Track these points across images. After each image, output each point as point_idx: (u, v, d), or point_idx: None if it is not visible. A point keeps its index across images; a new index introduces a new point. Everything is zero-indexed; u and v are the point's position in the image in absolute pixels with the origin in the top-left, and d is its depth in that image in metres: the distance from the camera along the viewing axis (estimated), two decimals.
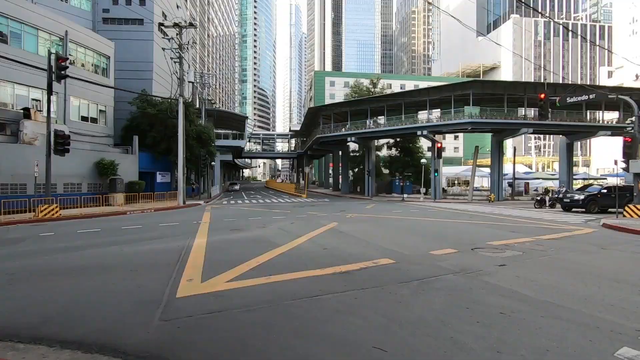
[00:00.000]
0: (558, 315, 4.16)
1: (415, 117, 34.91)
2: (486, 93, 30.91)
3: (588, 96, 19.40)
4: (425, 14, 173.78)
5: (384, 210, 20.39)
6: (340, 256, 7.43)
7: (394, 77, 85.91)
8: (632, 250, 8.71)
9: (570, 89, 28.20)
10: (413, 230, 11.90)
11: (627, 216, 16.09)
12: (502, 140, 32.82)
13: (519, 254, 7.82)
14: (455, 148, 77.66)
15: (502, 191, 32.14)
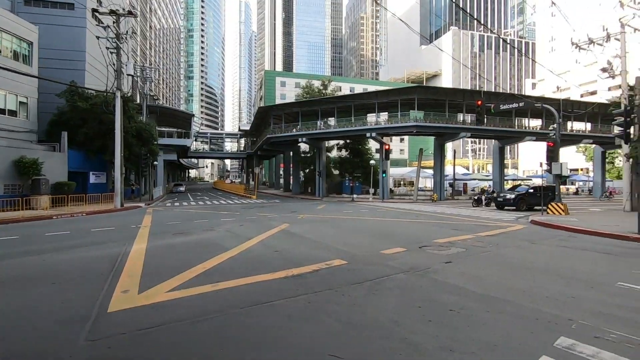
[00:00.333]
0: (502, 310, 4.35)
1: (364, 120, 35.79)
2: (429, 98, 32.62)
3: (518, 104, 21.26)
4: (373, 21, 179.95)
5: (334, 210, 20.55)
6: (292, 259, 7.23)
7: (344, 80, 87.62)
8: (556, 244, 9.59)
9: (502, 97, 30.82)
10: (364, 230, 12.06)
11: (550, 213, 17.83)
12: (443, 144, 34.87)
13: (462, 250, 8.22)
14: (401, 150, 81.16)
15: (443, 191, 34.12)
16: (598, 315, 4.21)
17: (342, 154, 42.69)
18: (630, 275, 6.12)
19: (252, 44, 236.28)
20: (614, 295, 5.03)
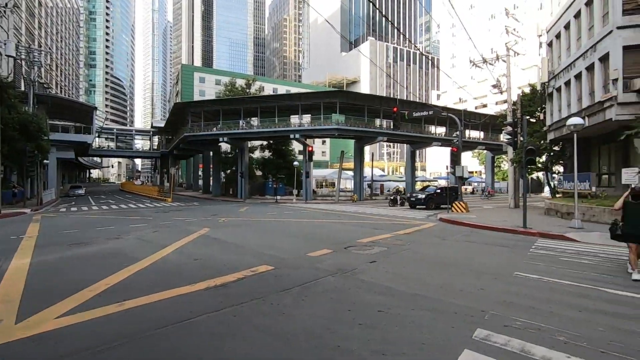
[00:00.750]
0: (425, 306, 4.55)
1: (288, 121, 35.76)
2: (350, 103, 34.02)
3: (428, 112, 23.35)
4: (296, 24, 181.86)
5: (258, 212, 20.01)
6: (214, 267, 6.69)
7: (267, 80, 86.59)
8: (463, 239, 10.64)
9: (415, 105, 33.66)
10: (289, 232, 11.89)
11: (454, 211, 19.87)
12: (363, 146, 36.67)
13: (384, 249, 8.57)
14: (322, 152, 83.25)
15: (363, 192, 35.88)
16: (504, 304, 4.66)
17: (265, 154, 42.03)
18: (523, 265, 7.01)
19: (167, 35, 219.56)
20: (513, 284, 5.67)
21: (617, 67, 14.03)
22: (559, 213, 16.90)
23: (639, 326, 3.98)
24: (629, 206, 6.19)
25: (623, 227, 6.22)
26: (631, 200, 6.19)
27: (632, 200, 6.18)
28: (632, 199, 6.18)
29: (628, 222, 6.16)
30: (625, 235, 6.19)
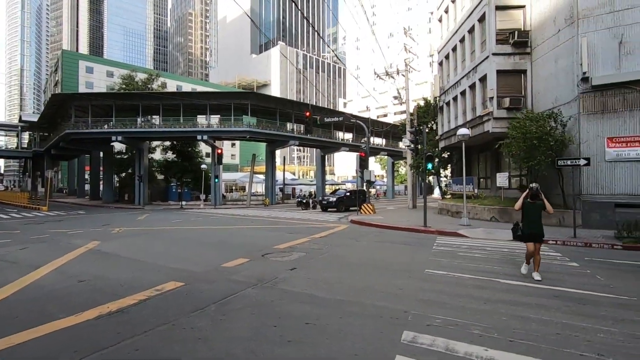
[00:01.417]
0: (352, 312, 4.47)
1: (195, 121, 33.37)
2: (262, 105, 33.42)
3: (339, 118, 24.29)
4: (202, 20, 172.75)
5: (161, 220, 18.06)
6: (108, 288, 5.62)
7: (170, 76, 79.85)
8: (374, 240, 11.15)
9: (325, 111, 34.75)
10: (199, 241, 10.90)
11: (363, 213, 20.93)
12: (274, 150, 36.35)
13: (303, 254, 8.40)
14: (232, 155, 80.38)
15: (274, 196, 35.55)
16: (422, 302, 4.86)
17: (168, 156, 38.49)
18: (430, 262, 7.57)
19: (42, 14, 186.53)
20: (426, 281, 6.03)
21: (492, 87, 16.53)
22: (450, 212, 19.14)
23: (531, 312, 4.53)
24: (527, 206, 6.38)
25: (523, 227, 6.40)
26: (529, 200, 6.36)
27: (530, 200, 6.34)
28: (530, 199, 6.33)
29: (526, 222, 6.36)
30: (524, 236, 6.36)
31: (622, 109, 12.50)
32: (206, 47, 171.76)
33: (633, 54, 12.39)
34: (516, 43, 16.23)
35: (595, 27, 12.92)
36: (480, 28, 17.75)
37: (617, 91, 12.53)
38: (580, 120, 13.10)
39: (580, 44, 12.99)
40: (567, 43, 13.78)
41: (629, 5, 12.42)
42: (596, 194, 12.73)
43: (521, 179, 17.30)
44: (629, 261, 7.98)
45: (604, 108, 12.74)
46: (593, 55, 12.90)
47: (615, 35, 12.62)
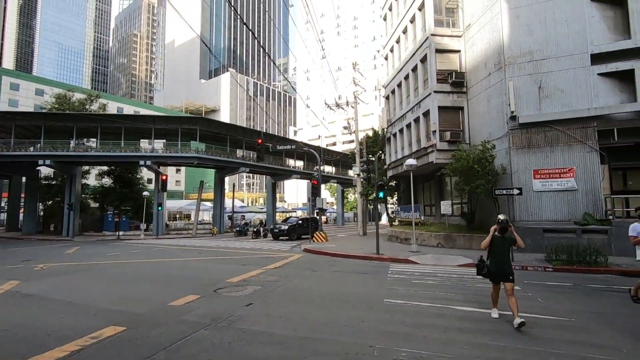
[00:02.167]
0: (317, 351, 4.27)
1: (137, 145, 31.43)
2: (212, 131, 32.62)
3: (291, 146, 24.39)
4: (148, 42, 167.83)
5: (95, 254, 16.31)
6: (32, 339, 4.82)
7: (111, 97, 74.97)
8: (330, 269, 11.04)
9: (277, 138, 34.85)
10: (141, 277, 9.95)
11: (316, 241, 20.82)
12: (224, 177, 35.34)
13: (259, 288, 8.01)
14: (177, 182, 76.43)
15: (223, 224, 34.16)
16: (386, 335, 4.82)
17: (105, 182, 35.52)
18: (388, 292, 7.62)
19: None
20: (386, 312, 6.02)
21: (435, 121, 17.86)
22: (399, 239, 19.76)
23: (489, 339, 4.69)
24: (495, 241, 5.55)
25: (490, 263, 5.58)
26: (497, 234, 5.54)
27: (498, 234, 5.53)
28: (499, 232, 5.52)
29: (493, 259, 5.56)
30: (491, 275, 5.58)
31: (544, 144, 14.12)
32: (151, 70, 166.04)
33: (550, 97, 14.22)
34: (454, 83, 17.87)
35: (519, 73, 14.71)
36: (423, 68, 19.32)
37: (539, 129, 14.18)
38: (511, 154, 14.54)
39: (508, 86, 14.66)
40: (497, 85, 15.47)
41: (544, 56, 14.37)
42: (527, 220, 13.99)
43: (462, 206, 18.53)
44: (560, 283, 8.74)
45: (530, 143, 14.31)
46: (519, 96, 14.59)
47: (535, 81, 14.45)
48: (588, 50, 13.74)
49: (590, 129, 13.44)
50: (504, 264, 5.48)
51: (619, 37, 13.62)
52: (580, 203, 13.42)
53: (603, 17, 13.93)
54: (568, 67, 14.00)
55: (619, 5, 13.73)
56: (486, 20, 16.29)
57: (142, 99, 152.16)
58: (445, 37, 18.46)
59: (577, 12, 14.00)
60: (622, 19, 13.69)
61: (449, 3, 18.83)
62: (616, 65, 13.47)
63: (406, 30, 21.83)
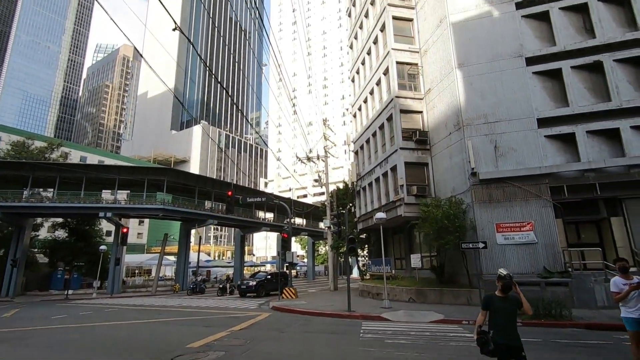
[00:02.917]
0: None
1: (98, 196, 30.02)
2: (180, 183, 31.99)
3: (261, 198, 24.25)
4: (120, 93, 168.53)
5: (38, 317, 14.58)
6: None
7: (74, 145, 72.56)
8: (300, 330, 10.47)
9: (247, 190, 34.59)
10: (87, 346, 8.91)
11: (285, 297, 19.92)
12: (190, 229, 34.00)
13: (222, 354, 7.38)
14: (139, 234, 72.42)
15: (187, 280, 32.12)
16: None
17: (59, 234, 33.01)
18: (362, 354, 7.26)
19: None
20: None
21: (402, 176, 18.60)
22: (371, 294, 19.34)
23: None
24: (495, 303, 4.39)
25: (493, 335, 4.27)
26: (499, 294, 4.44)
27: (501, 293, 4.43)
28: (501, 291, 4.43)
29: (496, 326, 4.31)
30: (499, 349, 4.20)
31: (503, 199, 14.95)
32: (121, 120, 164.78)
33: (505, 156, 15.38)
34: (418, 140, 19.00)
35: (476, 133, 15.95)
36: (389, 126, 20.51)
37: (498, 185, 15.10)
38: (474, 208, 15.20)
39: (467, 145, 15.76)
40: (457, 144, 16.60)
41: (497, 119, 15.79)
42: (494, 273, 14.25)
43: (432, 259, 18.70)
44: (531, 339, 8.73)
45: (491, 198, 15.10)
46: (477, 154, 15.66)
47: (491, 141, 15.67)
48: (534, 115, 15.29)
49: (543, 186, 14.48)
50: (512, 335, 4.22)
51: (559, 105, 15.34)
52: (540, 256, 13.98)
53: (544, 87, 15.77)
54: (518, 129, 15.40)
55: (556, 78, 15.66)
56: (444, 86, 17.91)
57: (108, 148, 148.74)
58: (408, 99, 19.97)
59: (521, 82, 15.78)
60: (559, 89, 15.55)
61: (411, 70, 20.67)
62: (559, 129, 14.99)
63: (373, 92, 23.45)
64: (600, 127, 14.60)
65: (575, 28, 15.97)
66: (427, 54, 19.91)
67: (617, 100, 14.47)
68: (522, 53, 16.02)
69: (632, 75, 14.80)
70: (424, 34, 20.39)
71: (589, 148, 14.54)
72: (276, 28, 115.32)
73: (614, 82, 14.69)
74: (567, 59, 15.47)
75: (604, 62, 14.99)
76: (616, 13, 15.57)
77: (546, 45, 16.03)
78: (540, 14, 16.41)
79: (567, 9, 16.13)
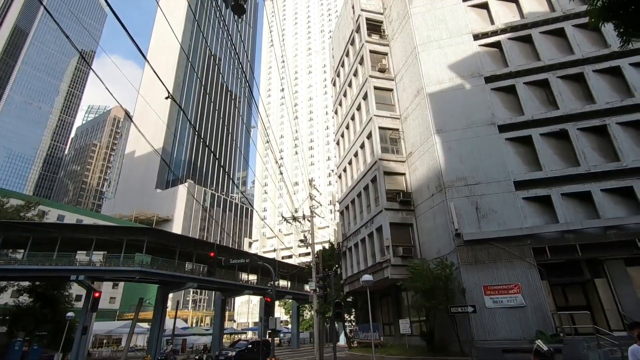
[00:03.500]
0: None
1: (72, 257, 28.52)
2: (160, 243, 30.92)
3: (245, 260, 23.51)
4: (107, 152, 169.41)
5: None
6: None
7: (53, 204, 70.55)
8: None
9: (231, 251, 33.61)
10: None
11: None
12: (168, 293, 32.12)
13: None
14: (112, 299, 67.65)
15: (160, 350, 29.46)
16: None
17: (24, 299, 30.48)
18: None
19: None
20: None
21: (388, 237, 18.60)
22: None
23: None
24: None
25: None
26: None
27: None
28: None
29: None
30: None
31: (488, 261, 14.98)
32: (105, 178, 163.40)
33: (487, 217, 15.75)
34: (402, 201, 19.38)
35: (457, 194, 16.46)
36: (373, 187, 21.01)
37: (482, 246, 15.22)
38: (461, 270, 15.10)
39: (450, 206, 16.15)
40: (440, 205, 16.99)
41: (476, 181, 16.45)
42: (485, 339, 13.74)
43: (421, 325, 17.97)
44: None
45: (477, 260, 15.11)
46: (460, 216, 15.99)
47: (472, 202, 16.14)
48: (511, 178, 16.04)
49: (526, 247, 14.68)
50: None
51: (533, 169, 16.22)
52: (530, 320, 13.67)
53: (517, 152, 16.78)
54: (497, 191, 16.00)
55: (528, 144, 16.76)
56: (425, 149, 18.84)
57: (89, 207, 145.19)
58: (391, 161, 20.77)
59: (496, 147, 16.79)
60: (532, 154, 16.56)
61: (392, 134, 21.82)
62: (535, 192, 15.67)
63: (357, 154, 24.35)
64: (573, 190, 15.35)
65: (540, 100, 17.55)
66: (407, 120, 21.22)
67: (586, 165, 15.44)
68: (494, 121, 17.28)
69: (595, 142, 16.02)
70: (403, 102, 21.92)
71: (565, 210, 15.11)
72: (265, 93, 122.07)
73: (580, 149, 15.81)
74: (536, 127, 16.74)
75: (569, 131, 16.27)
76: (574, 88, 17.31)
77: (515, 115, 17.41)
78: (507, 87, 18.06)
79: (531, 84, 17.86)
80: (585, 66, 17.23)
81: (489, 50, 19.19)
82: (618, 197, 14.92)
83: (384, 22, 25.46)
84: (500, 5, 20.10)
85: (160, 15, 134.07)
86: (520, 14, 19.61)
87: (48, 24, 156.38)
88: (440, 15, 20.56)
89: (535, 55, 18.32)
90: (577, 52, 17.50)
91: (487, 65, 18.69)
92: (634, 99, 15.96)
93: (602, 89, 16.69)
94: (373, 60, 23.73)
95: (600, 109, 16.19)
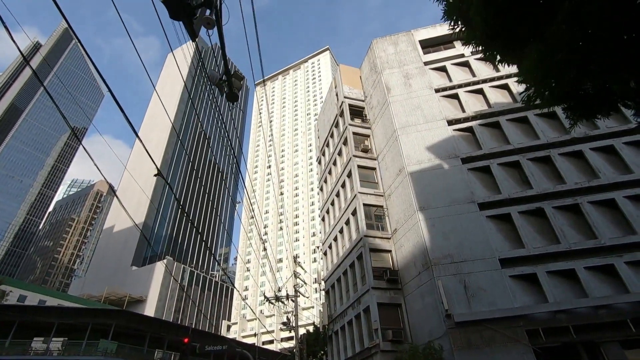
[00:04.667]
0: None
1: (27, 345, 25.51)
2: (131, 327, 28.32)
3: (222, 347, 21.52)
4: (85, 227, 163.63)
5: None
6: None
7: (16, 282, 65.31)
8: None
9: (207, 336, 30.83)
10: None
11: None
12: None
13: None
14: None
15: None
16: None
17: None
18: None
19: None
20: None
21: (376, 319, 17.62)
22: None
23: None
24: None
25: None
26: None
27: None
28: None
29: None
30: None
31: (483, 345, 14.17)
32: (78, 254, 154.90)
33: (476, 296, 15.34)
34: (389, 280, 18.86)
35: (444, 272, 16.21)
36: (359, 265, 20.56)
37: (475, 328, 14.52)
38: (455, 355, 14.14)
39: (438, 285, 15.77)
40: (428, 283, 16.58)
41: (462, 259, 16.38)
42: None
43: None
44: None
45: (470, 344, 14.28)
46: (449, 295, 15.52)
47: (460, 281, 15.84)
48: (496, 255, 16.07)
49: (519, 329, 14.08)
50: None
51: (517, 246, 16.40)
52: None
53: (499, 229, 17.10)
54: (484, 269, 15.87)
55: (508, 221, 17.21)
56: (409, 226, 19.02)
57: (55, 286, 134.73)
58: (377, 238, 20.71)
59: (478, 224, 17.12)
60: (514, 231, 16.89)
61: (377, 211, 22.15)
62: (521, 269, 15.62)
63: (342, 231, 24.29)
64: (558, 268, 15.38)
65: (514, 180, 18.55)
66: (390, 197, 21.78)
67: (566, 243, 15.75)
68: (474, 199, 17.92)
69: (572, 220, 16.59)
70: (386, 180, 22.73)
71: (554, 288, 14.94)
72: (252, 170, 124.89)
73: (558, 226, 16.28)
74: (514, 205, 17.38)
75: (545, 209, 16.92)
76: (545, 169, 18.50)
77: (493, 193, 18.17)
78: (483, 168, 19.15)
79: (505, 164, 19.04)
80: (551, 150, 18.69)
81: (463, 134, 20.78)
82: (602, 275, 14.97)
83: (365, 107, 27.67)
84: (469, 96, 22.38)
85: (155, 97, 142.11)
86: (487, 104, 21.77)
87: (44, 102, 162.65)
88: (417, 103, 22.59)
89: (505, 139, 19.89)
90: (542, 137, 19.13)
91: (462, 148, 20.04)
92: (599, 180, 17.07)
93: (569, 170, 17.89)
94: (356, 141, 25.18)
95: (571, 189, 17.13)
